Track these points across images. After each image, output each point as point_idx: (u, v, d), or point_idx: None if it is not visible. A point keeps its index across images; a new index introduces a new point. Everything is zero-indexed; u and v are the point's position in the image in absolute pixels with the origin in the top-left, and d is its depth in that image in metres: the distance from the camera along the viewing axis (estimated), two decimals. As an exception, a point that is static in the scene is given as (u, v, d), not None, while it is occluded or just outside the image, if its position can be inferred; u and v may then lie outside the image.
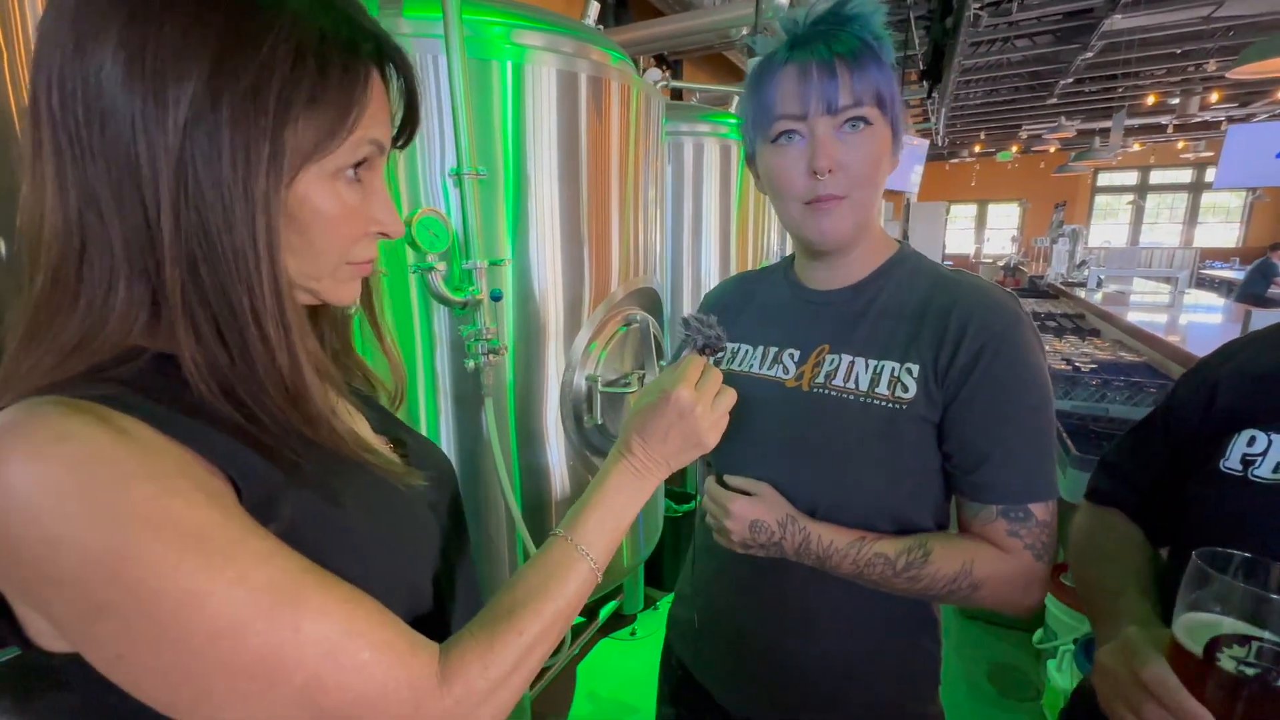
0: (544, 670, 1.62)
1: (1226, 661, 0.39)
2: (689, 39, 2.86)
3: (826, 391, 0.70)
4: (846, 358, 0.71)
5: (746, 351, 0.79)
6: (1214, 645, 0.39)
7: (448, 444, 1.37)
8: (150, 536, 0.31)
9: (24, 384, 0.35)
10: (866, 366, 0.69)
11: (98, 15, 0.33)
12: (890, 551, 0.66)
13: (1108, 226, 12.34)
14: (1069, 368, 2.08)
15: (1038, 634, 1.98)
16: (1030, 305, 3.93)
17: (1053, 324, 3.14)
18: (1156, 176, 11.86)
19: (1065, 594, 1.86)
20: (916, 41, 5.24)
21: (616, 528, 0.51)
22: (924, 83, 4.76)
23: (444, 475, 0.58)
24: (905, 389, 0.66)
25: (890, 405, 0.66)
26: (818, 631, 0.73)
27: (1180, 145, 10.52)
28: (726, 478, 0.74)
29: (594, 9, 1.65)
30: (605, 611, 2.12)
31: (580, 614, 1.87)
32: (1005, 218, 13.41)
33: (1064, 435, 1.67)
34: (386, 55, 0.42)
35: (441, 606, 0.50)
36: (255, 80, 0.35)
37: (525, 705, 1.53)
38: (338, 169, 0.40)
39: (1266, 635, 0.37)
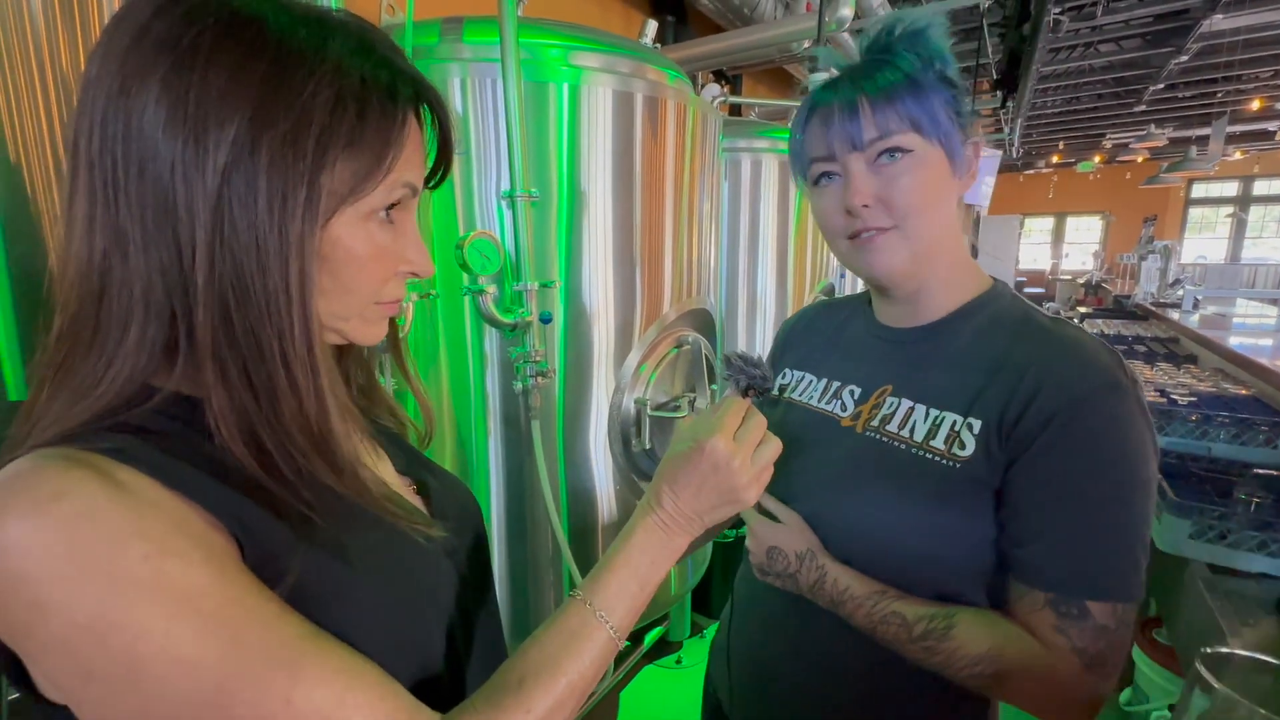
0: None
1: None
2: (749, 54, 2.82)
3: (879, 436, 0.66)
4: (907, 403, 0.66)
5: (810, 382, 0.77)
6: None
7: (496, 464, 1.36)
8: (141, 600, 0.30)
9: (41, 431, 0.35)
10: (926, 415, 0.64)
11: (143, 62, 0.34)
12: (908, 613, 0.60)
13: (1203, 241, 11.41)
14: (1163, 399, 1.90)
15: (1125, 694, 1.80)
16: (1116, 327, 3.65)
17: (1142, 348, 2.89)
18: (1261, 187, 10.90)
19: (1157, 651, 1.68)
20: (990, 49, 5.01)
21: (641, 591, 0.48)
22: (997, 92, 4.54)
23: (467, 518, 0.56)
24: (963, 446, 0.60)
25: (943, 461, 0.60)
26: (845, 674, 0.68)
27: (1290, 153, 9.66)
28: (763, 498, 0.71)
29: (651, 28, 1.64)
30: (650, 638, 2.07)
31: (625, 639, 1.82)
32: (1086, 231, 12.63)
33: (1159, 477, 1.51)
34: (423, 98, 0.42)
35: (457, 663, 0.47)
36: (295, 126, 0.35)
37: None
38: (371, 211, 0.40)
39: None
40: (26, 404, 0.37)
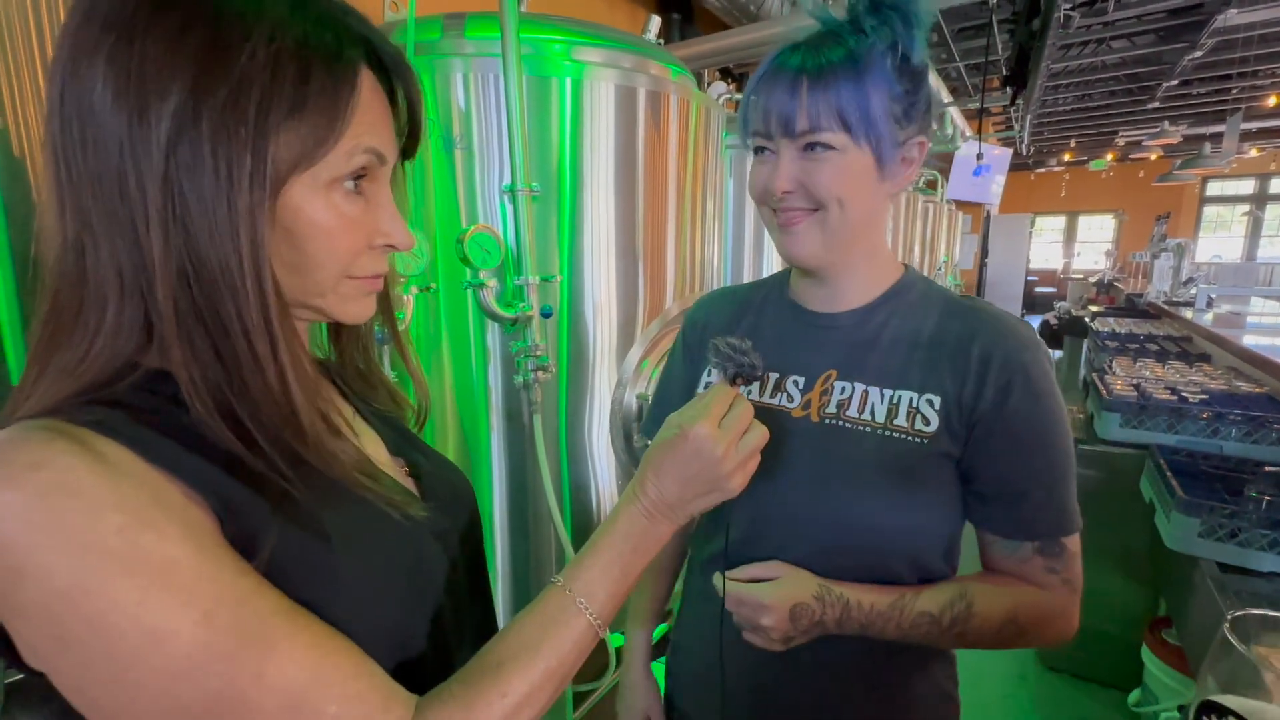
0: (589, 694, 1.59)
1: None
2: (754, 51, 2.81)
3: (840, 423, 0.66)
4: (859, 386, 0.67)
5: None
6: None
7: (498, 458, 1.37)
8: (115, 571, 0.31)
9: (28, 405, 0.35)
10: (882, 396, 0.66)
11: (90, 41, 0.34)
12: (934, 609, 0.63)
13: (1218, 240, 11.26)
14: (1174, 397, 1.87)
15: (1134, 694, 1.78)
16: (1128, 326, 3.60)
17: (1154, 347, 2.85)
18: (1278, 184, 10.73)
19: (1168, 653, 1.66)
20: (999, 46, 4.97)
21: (624, 578, 0.47)
22: (1006, 89, 4.50)
23: (459, 501, 0.55)
24: (927, 421, 0.64)
25: (910, 439, 0.64)
26: (841, 677, 0.69)
27: (1307, 150, 9.51)
28: (732, 573, 0.65)
29: (655, 24, 1.64)
30: (655, 634, 2.07)
31: (625, 636, 1.82)
32: (1098, 230, 12.50)
33: (1168, 474, 1.49)
34: (381, 60, 0.41)
35: (444, 646, 0.47)
36: (234, 92, 0.34)
37: (568, 728, 1.50)
38: (332, 179, 0.39)
39: None
40: (18, 385, 0.37)
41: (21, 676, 0.38)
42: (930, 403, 0.64)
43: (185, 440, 0.36)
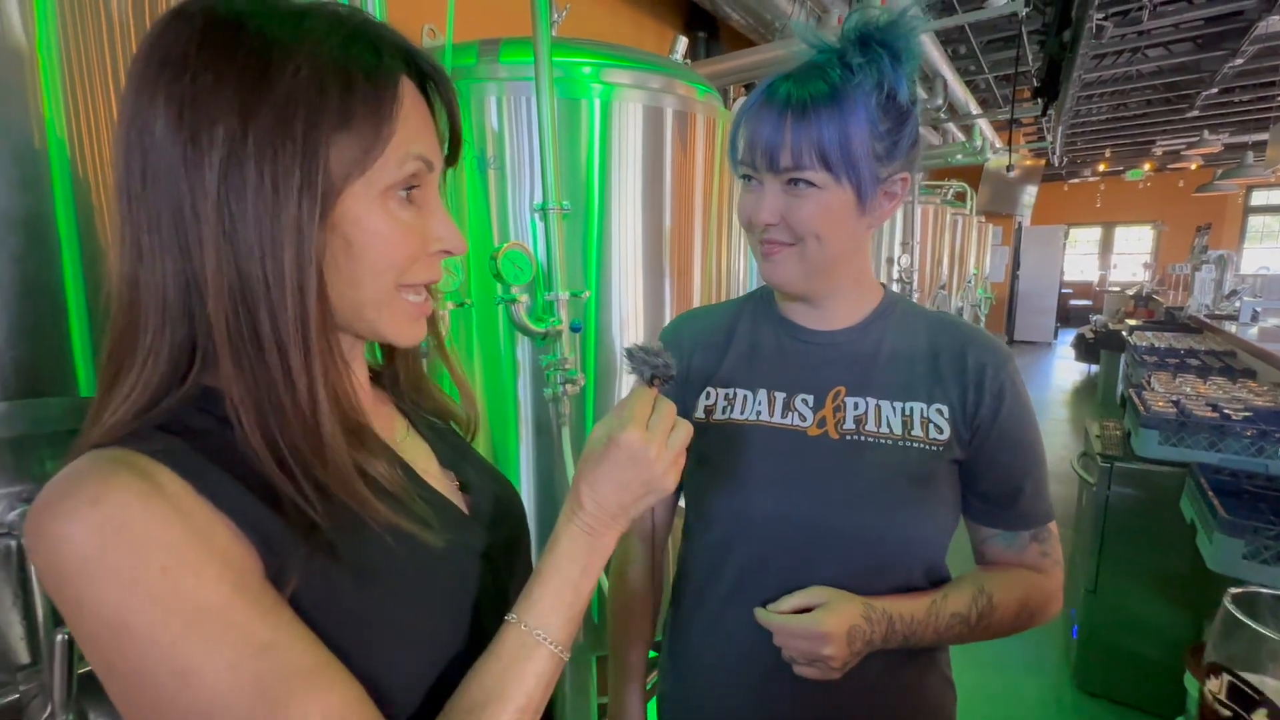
0: (604, 706, 1.59)
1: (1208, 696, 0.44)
2: (780, 67, 2.83)
3: (861, 438, 0.68)
4: (870, 401, 0.69)
5: (746, 398, 0.73)
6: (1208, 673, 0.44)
7: (527, 469, 1.39)
8: (155, 611, 0.33)
9: (99, 431, 0.38)
10: (894, 409, 0.69)
11: (150, 79, 0.37)
12: (961, 609, 0.66)
13: (1264, 251, 10.85)
14: (1216, 415, 1.82)
15: (1177, 722, 1.71)
16: (1167, 340, 3.50)
17: (1195, 362, 2.76)
18: (1328, 193, 10.34)
19: (1213, 679, 1.60)
20: (1030, 58, 4.91)
21: (576, 600, 0.46)
22: (1037, 100, 4.44)
23: (507, 516, 0.56)
24: (940, 430, 0.68)
25: (928, 448, 0.67)
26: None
27: (1359, 158, 9.13)
28: (773, 606, 0.65)
29: (681, 44, 1.67)
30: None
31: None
32: (1136, 241, 12.15)
33: (1209, 494, 1.45)
34: (420, 70, 0.43)
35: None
36: (280, 110, 0.36)
37: (593, 740, 1.51)
38: (386, 188, 0.41)
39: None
40: (92, 409, 0.40)
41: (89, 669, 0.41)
42: (940, 412, 0.68)
43: (233, 467, 0.38)
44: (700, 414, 0.74)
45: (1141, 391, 2.12)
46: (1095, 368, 6.58)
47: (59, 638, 0.52)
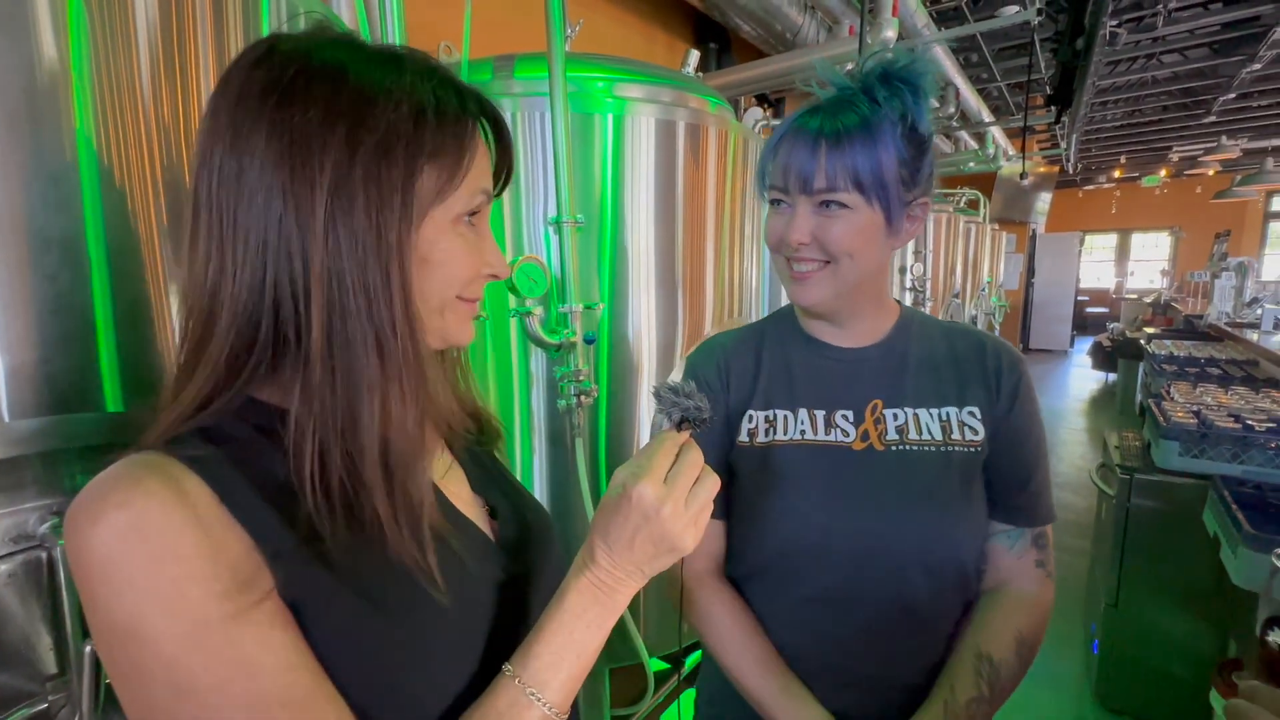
0: (626, 719, 1.59)
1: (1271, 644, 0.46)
2: (789, 78, 2.85)
3: (905, 447, 0.70)
4: (909, 410, 0.72)
5: (787, 418, 0.74)
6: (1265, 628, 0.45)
7: (540, 481, 1.40)
8: (161, 622, 0.34)
9: (154, 432, 0.40)
10: (932, 416, 0.72)
11: (251, 108, 0.39)
12: (973, 690, 0.66)
13: (1286, 257, 10.68)
14: (1238, 425, 1.78)
15: (1203, 741, 1.67)
16: (1187, 349, 3.44)
17: (1216, 371, 2.72)
18: (1352, 199, 10.16)
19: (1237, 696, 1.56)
20: (1042, 65, 4.89)
21: (578, 660, 0.44)
22: (1051, 107, 4.42)
23: (536, 542, 0.56)
24: (975, 431, 0.72)
25: (969, 450, 0.71)
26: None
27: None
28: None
29: (693, 58, 1.69)
30: (692, 660, 2.05)
31: (664, 661, 1.81)
32: (1153, 249, 12.00)
33: (1234, 507, 1.42)
34: (485, 113, 0.47)
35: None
36: (384, 142, 0.40)
37: (606, 753, 1.50)
38: (457, 215, 0.45)
39: None
40: (164, 409, 0.42)
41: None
42: (973, 414, 0.72)
43: (260, 479, 0.39)
44: (744, 437, 0.75)
45: (1161, 401, 2.08)
46: (1113, 376, 6.49)
47: (88, 649, 0.53)
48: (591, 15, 2.38)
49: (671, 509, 0.44)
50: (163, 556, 0.34)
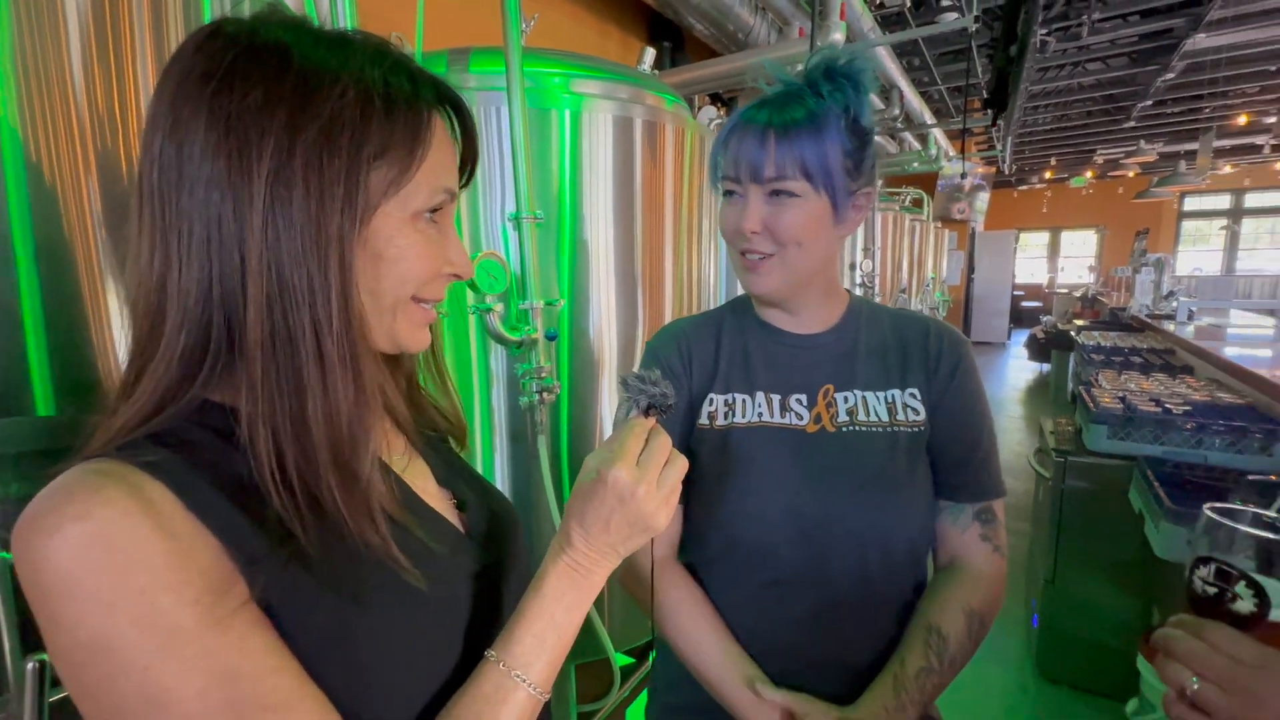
0: (591, 714, 1.59)
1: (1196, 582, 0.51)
2: (742, 78, 2.90)
3: (855, 428, 0.73)
4: (857, 394, 0.75)
5: (745, 402, 0.76)
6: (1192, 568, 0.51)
7: (502, 478, 1.39)
8: (131, 633, 0.32)
9: (102, 438, 0.38)
10: (878, 399, 0.75)
11: (190, 94, 0.37)
12: (922, 660, 0.69)
13: (1197, 254, 11.51)
14: (1158, 409, 1.92)
15: (1131, 704, 1.79)
16: (1113, 339, 3.68)
17: (1138, 360, 2.92)
18: (1253, 199, 11.01)
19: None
20: (979, 69, 5.12)
21: (559, 641, 0.45)
22: (987, 111, 4.64)
23: (503, 534, 0.56)
24: (916, 412, 0.75)
25: (912, 429, 0.74)
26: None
27: (1279, 166, 9.78)
28: (764, 690, 0.68)
29: (649, 55, 1.70)
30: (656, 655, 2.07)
31: (629, 655, 1.82)
32: (1081, 245, 12.74)
33: (1156, 485, 1.53)
34: (445, 99, 0.46)
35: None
36: (327, 129, 0.38)
37: (573, 750, 1.50)
38: (417, 211, 0.43)
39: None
40: (108, 416, 0.40)
41: (64, 695, 0.40)
42: (914, 395, 0.76)
43: (224, 483, 0.38)
44: (704, 420, 0.77)
45: (1090, 388, 2.22)
46: (1047, 367, 6.86)
47: (29, 665, 0.50)
48: (546, 10, 2.36)
49: (645, 490, 0.46)
50: (128, 567, 0.33)
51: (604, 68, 1.45)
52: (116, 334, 0.73)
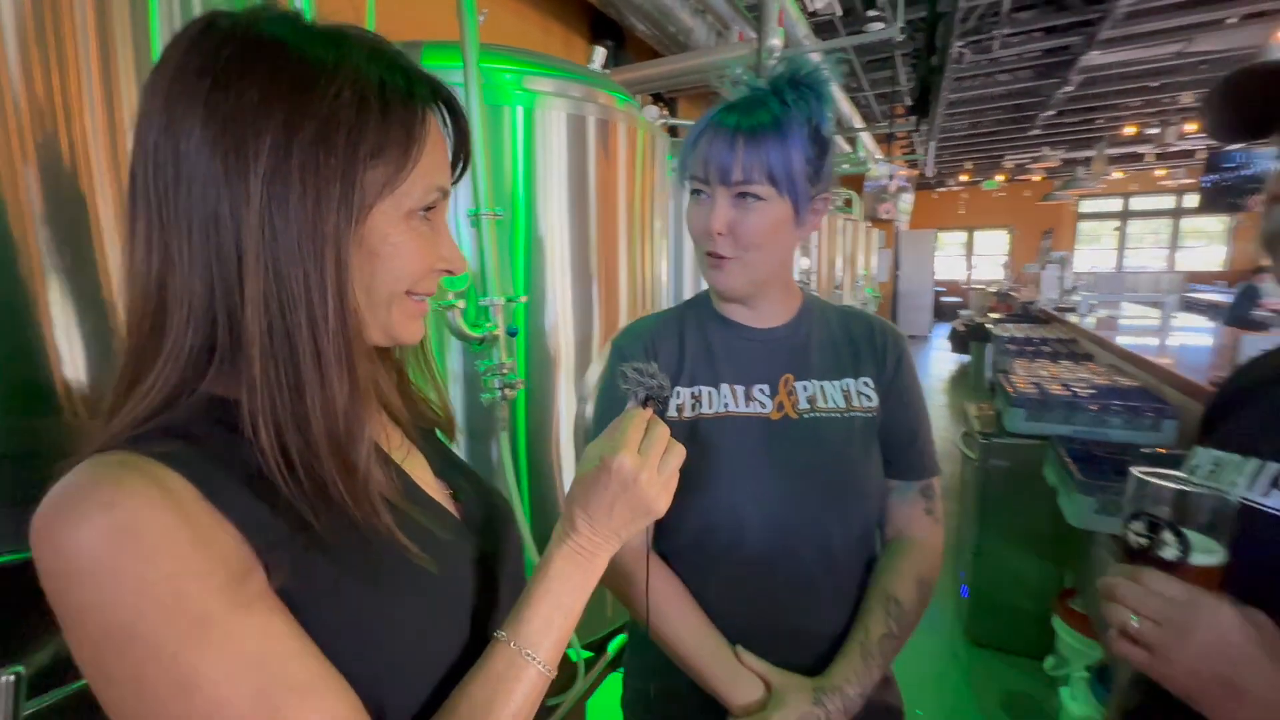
0: (553, 708, 1.60)
1: (1130, 536, 0.55)
2: (685, 79, 2.96)
3: (816, 415, 0.78)
4: (815, 383, 0.81)
5: (711, 394, 0.80)
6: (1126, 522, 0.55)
7: (461, 478, 1.38)
8: (159, 619, 0.33)
9: (108, 432, 0.37)
10: (834, 387, 0.81)
11: (185, 91, 0.37)
12: (884, 628, 0.75)
13: (1093, 252, 12.57)
14: (1067, 392, 2.11)
15: (1049, 661, 1.97)
16: (1025, 330, 3.99)
17: (1047, 349, 3.18)
18: (1138, 203, 12.13)
19: (1075, 620, 1.86)
20: (904, 78, 5.42)
21: (565, 622, 0.47)
22: (911, 117, 4.92)
23: (499, 525, 0.58)
24: (869, 399, 0.81)
25: (866, 415, 0.80)
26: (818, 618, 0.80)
27: (1160, 173, 10.82)
28: (745, 655, 0.74)
29: (600, 55, 1.72)
30: (614, 645, 2.09)
31: (589, 649, 1.83)
32: (994, 244, 13.66)
33: (1067, 460, 1.69)
34: (440, 98, 0.46)
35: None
36: (324, 127, 0.38)
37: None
38: (411, 209, 0.43)
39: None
40: (107, 408, 0.39)
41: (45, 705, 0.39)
42: (867, 384, 0.82)
43: (242, 476, 0.38)
44: (672, 413, 0.80)
45: (1009, 375, 2.41)
46: (967, 357, 7.33)
47: (4, 678, 0.47)
48: (491, 5, 2.33)
49: (647, 476, 0.48)
50: (156, 555, 0.33)
51: (556, 65, 1.46)
52: (59, 333, 0.69)
